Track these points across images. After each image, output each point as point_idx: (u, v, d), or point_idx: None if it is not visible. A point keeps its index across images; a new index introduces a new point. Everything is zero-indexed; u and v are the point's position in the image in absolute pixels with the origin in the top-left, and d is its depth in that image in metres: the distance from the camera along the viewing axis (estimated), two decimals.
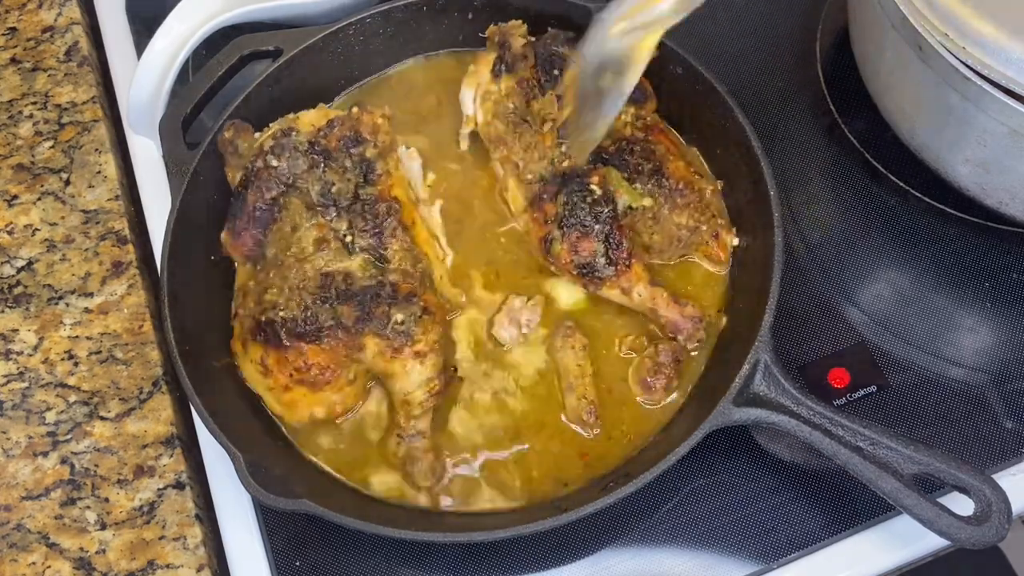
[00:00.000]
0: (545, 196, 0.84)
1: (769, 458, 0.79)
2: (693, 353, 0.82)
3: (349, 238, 0.81)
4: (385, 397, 0.81)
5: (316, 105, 0.94)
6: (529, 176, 0.86)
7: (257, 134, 0.86)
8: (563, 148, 0.85)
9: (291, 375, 0.78)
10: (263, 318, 0.78)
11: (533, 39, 0.90)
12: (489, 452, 0.79)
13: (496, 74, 0.89)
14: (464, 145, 0.92)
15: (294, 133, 0.84)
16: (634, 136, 0.86)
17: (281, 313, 0.78)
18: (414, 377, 0.78)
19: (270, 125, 0.86)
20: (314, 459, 0.80)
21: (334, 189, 0.83)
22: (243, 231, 0.83)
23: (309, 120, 0.85)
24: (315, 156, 0.83)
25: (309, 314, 0.78)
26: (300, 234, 0.82)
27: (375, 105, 0.87)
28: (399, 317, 0.78)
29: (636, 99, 0.88)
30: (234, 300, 0.85)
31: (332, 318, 0.78)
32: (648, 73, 0.90)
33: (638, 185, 0.84)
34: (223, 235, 0.84)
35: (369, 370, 0.80)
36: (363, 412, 0.81)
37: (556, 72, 0.87)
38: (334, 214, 0.82)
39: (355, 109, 0.86)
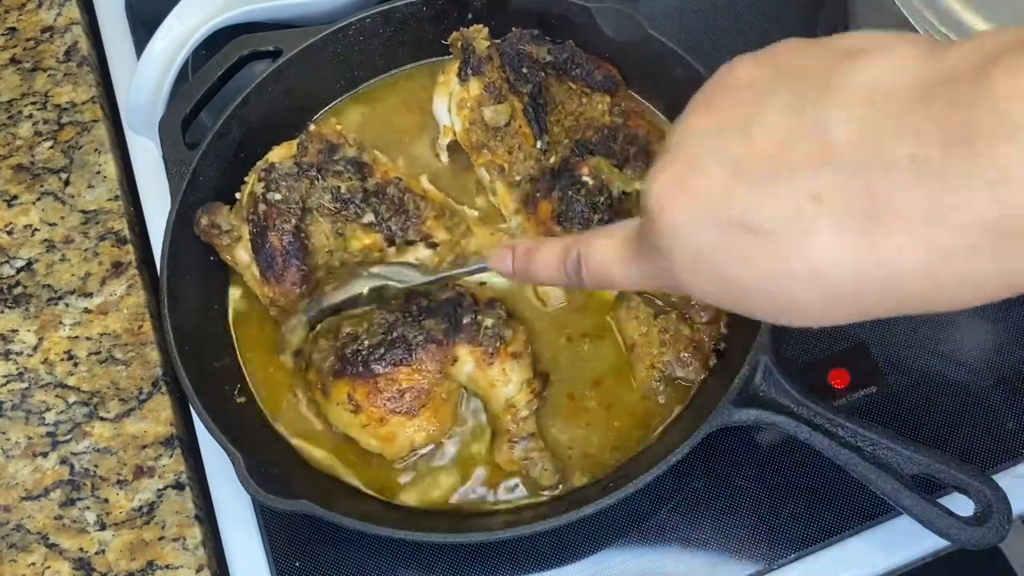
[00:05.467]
0: (538, 195, 0.84)
1: (769, 459, 0.79)
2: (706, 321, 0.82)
3: (389, 231, 0.82)
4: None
5: (315, 106, 0.95)
6: (517, 177, 0.86)
7: (226, 208, 0.85)
8: (539, 145, 0.86)
9: (385, 405, 0.76)
10: (346, 352, 0.77)
11: (498, 41, 0.90)
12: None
13: (463, 79, 0.88)
14: (444, 157, 0.91)
15: (276, 166, 0.83)
16: (613, 123, 0.86)
17: (367, 341, 0.77)
18: (515, 379, 0.78)
19: (245, 180, 0.86)
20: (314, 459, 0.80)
21: (343, 190, 0.83)
22: (284, 271, 0.81)
23: (279, 153, 0.86)
24: (309, 174, 0.83)
25: (396, 335, 0.77)
26: (342, 252, 0.82)
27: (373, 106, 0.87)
28: (488, 322, 0.78)
29: (608, 87, 0.88)
30: (296, 355, 0.82)
31: (421, 333, 0.77)
32: (644, 72, 0.90)
33: (628, 170, 0.84)
34: (266, 292, 0.81)
35: (461, 386, 0.80)
36: None
37: (524, 70, 0.87)
38: (354, 210, 0.82)
39: (311, 127, 0.86)
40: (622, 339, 0.82)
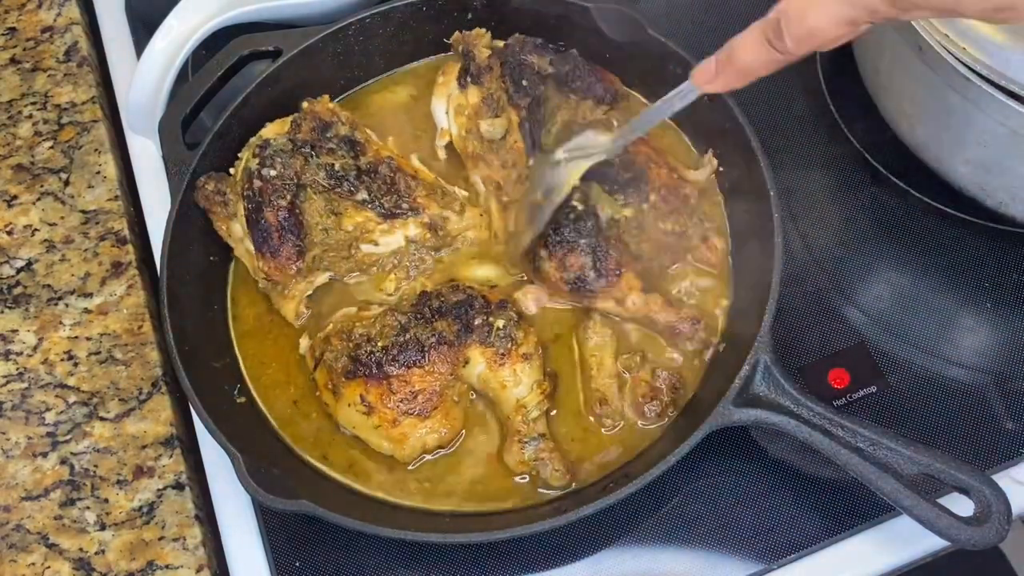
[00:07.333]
0: None
1: (769, 458, 0.79)
2: (694, 351, 0.81)
3: (382, 208, 0.83)
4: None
5: None
6: (506, 199, 0.87)
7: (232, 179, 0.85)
8: (530, 162, 0.85)
9: (398, 407, 0.76)
10: (360, 353, 0.77)
11: (501, 45, 0.90)
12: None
13: (462, 85, 0.89)
14: (442, 155, 0.92)
15: (270, 142, 0.84)
16: None
17: (380, 343, 0.77)
18: (525, 380, 0.78)
19: (239, 155, 0.86)
20: (313, 460, 0.80)
21: (337, 167, 0.84)
22: (280, 247, 0.82)
23: (273, 130, 0.86)
24: (303, 151, 0.84)
25: (409, 336, 0.77)
26: (338, 233, 0.83)
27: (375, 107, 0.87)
28: (500, 323, 0.78)
29: (607, 100, 0.87)
30: (308, 352, 0.82)
31: (433, 335, 0.77)
32: (649, 75, 0.90)
33: (620, 196, 0.83)
34: (260, 266, 0.83)
35: (471, 388, 0.80)
36: None
37: (524, 83, 0.86)
38: (348, 187, 0.83)
39: (305, 104, 0.87)
40: (578, 354, 0.82)
